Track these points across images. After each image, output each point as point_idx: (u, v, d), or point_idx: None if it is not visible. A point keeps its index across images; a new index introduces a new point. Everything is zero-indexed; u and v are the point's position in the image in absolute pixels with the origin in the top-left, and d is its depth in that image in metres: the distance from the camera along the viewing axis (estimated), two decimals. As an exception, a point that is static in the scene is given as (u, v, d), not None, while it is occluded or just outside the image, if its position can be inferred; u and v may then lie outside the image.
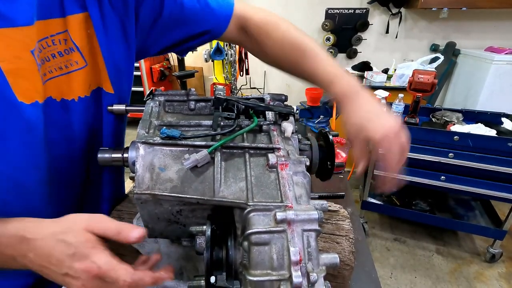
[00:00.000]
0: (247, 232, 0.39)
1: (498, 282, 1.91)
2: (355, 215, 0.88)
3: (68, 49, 0.50)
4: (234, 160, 0.47)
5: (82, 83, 0.53)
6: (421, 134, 1.79)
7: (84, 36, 0.51)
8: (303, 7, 2.97)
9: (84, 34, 0.51)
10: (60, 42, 0.49)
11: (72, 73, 0.51)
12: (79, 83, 0.52)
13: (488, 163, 1.72)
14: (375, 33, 2.96)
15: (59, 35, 0.48)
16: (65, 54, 0.49)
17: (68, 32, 0.49)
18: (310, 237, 0.39)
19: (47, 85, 0.48)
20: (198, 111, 0.58)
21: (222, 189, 0.44)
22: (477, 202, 2.26)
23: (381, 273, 1.96)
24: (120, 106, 0.59)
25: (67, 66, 0.50)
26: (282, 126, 0.53)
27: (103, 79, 0.56)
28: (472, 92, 2.53)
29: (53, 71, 0.49)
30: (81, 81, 0.53)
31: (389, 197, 2.28)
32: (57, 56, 0.49)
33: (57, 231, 0.40)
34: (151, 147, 0.46)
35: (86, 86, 0.54)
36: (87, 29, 0.51)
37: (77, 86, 0.52)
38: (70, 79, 0.51)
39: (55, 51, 0.48)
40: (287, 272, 0.37)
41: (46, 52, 0.47)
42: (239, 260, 0.42)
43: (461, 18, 2.74)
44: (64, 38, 0.49)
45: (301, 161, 0.46)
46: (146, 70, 3.25)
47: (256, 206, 0.40)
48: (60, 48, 0.49)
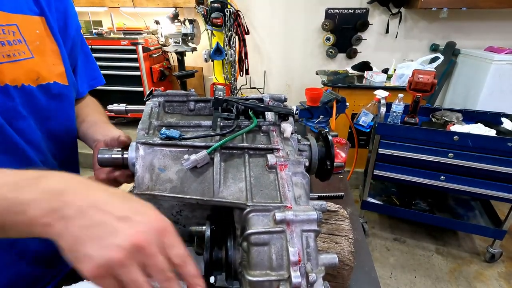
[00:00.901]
0: (247, 232, 0.39)
1: (497, 282, 1.91)
2: (354, 215, 0.88)
3: (16, 40, 0.55)
4: (233, 161, 0.48)
5: (27, 72, 0.57)
6: (421, 134, 1.79)
7: (33, 34, 0.58)
8: (303, 7, 2.97)
9: (34, 32, 0.58)
10: (9, 33, 0.53)
11: (19, 62, 0.55)
12: (24, 71, 0.56)
13: (487, 163, 1.72)
14: (375, 33, 2.96)
15: (8, 27, 0.53)
16: (13, 44, 0.54)
17: (17, 25, 0.55)
18: (309, 238, 0.39)
19: None
20: (197, 111, 0.58)
21: (222, 189, 0.44)
22: (476, 202, 2.27)
23: (381, 273, 1.96)
24: (120, 107, 0.60)
25: (14, 54, 0.54)
26: (281, 127, 0.54)
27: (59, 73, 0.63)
28: (472, 92, 2.53)
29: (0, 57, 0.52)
30: (26, 70, 0.56)
31: (389, 197, 2.29)
32: (6, 44, 0.53)
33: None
34: (150, 147, 0.46)
35: (32, 77, 0.57)
36: (36, 29, 0.58)
37: (22, 74, 0.56)
38: (16, 67, 0.55)
39: (4, 40, 0.53)
40: (286, 272, 0.37)
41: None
42: (239, 260, 0.42)
43: (461, 18, 2.73)
44: (13, 30, 0.54)
45: (300, 162, 0.46)
46: (146, 70, 3.25)
47: (255, 207, 0.41)
48: (9, 38, 0.53)
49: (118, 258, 0.29)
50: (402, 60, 2.71)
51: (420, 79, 1.77)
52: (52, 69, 0.61)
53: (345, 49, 3.04)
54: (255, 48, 3.23)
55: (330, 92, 1.55)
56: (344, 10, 2.90)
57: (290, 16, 3.04)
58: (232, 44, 2.64)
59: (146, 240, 0.31)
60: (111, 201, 0.33)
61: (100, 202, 0.32)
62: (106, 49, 3.14)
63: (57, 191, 0.32)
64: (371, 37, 2.98)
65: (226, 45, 2.62)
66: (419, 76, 1.78)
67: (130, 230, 0.31)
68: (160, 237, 0.33)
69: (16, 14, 0.55)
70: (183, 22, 2.97)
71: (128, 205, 0.33)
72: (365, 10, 2.87)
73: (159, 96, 0.57)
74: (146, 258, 0.31)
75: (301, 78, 3.27)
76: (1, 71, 0.52)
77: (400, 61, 2.63)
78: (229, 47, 2.64)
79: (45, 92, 0.61)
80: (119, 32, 3.43)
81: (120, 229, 0.31)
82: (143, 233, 0.31)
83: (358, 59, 3.01)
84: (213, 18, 2.46)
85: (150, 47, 3.23)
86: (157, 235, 0.32)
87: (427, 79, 1.76)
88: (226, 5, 2.45)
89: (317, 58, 3.17)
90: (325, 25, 2.93)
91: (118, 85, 3.30)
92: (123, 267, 0.30)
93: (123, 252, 0.30)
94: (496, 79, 2.34)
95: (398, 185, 2.35)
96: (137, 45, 3.10)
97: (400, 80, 2.38)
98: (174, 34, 2.98)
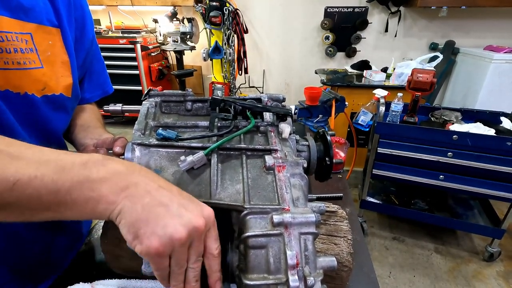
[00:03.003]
0: (244, 235, 0.38)
1: (496, 281, 1.91)
2: (353, 215, 0.87)
3: (28, 48, 0.53)
4: (230, 162, 0.47)
5: (34, 81, 0.55)
6: (420, 133, 1.79)
7: (46, 44, 0.57)
8: (302, 5, 2.96)
9: (46, 42, 0.57)
10: (21, 40, 0.52)
11: (27, 70, 0.54)
12: (30, 80, 0.55)
13: (487, 162, 1.72)
14: (374, 31, 2.95)
15: (22, 35, 0.52)
16: (25, 52, 0.53)
17: (31, 35, 0.54)
18: (307, 240, 0.39)
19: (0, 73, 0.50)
20: (195, 111, 0.57)
21: (219, 191, 0.43)
22: (475, 201, 2.27)
23: (380, 272, 1.96)
24: (116, 107, 0.59)
25: (25, 62, 0.53)
26: (279, 127, 0.53)
27: (67, 86, 0.61)
28: (471, 91, 2.53)
29: (9, 63, 0.51)
30: (33, 80, 0.55)
31: (388, 196, 2.28)
32: (18, 51, 0.52)
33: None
34: (147, 148, 0.46)
35: (38, 86, 0.56)
36: (49, 40, 0.57)
37: (27, 83, 0.55)
38: (24, 75, 0.54)
39: (17, 47, 0.51)
40: (284, 276, 0.37)
41: (8, 44, 0.50)
42: (236, 263, 0.42)
43: (460, 16, 2.73)
44: (26, 39, 0.53)
45: (299, 163, 0.46)
46: (144, 69, 3.24)
47: (252, 209, 0.40)
48: (21, 46, 0.52)
49: (180, 236, 0.33)
50: (401, 59, 2.70)
51: (419, 78, 1.77)
52: (60, 81, 0.60)
53: (344, 48, 3.04)
54: (254, 47, 3.22)
55: (329, 91, 1.54)
56: (343, 9, 2.89)
57: (289, 15, 3.03)
58: (230, 43, 2.64)
59: (204, 226, 0.35)
60: (173, 189, 0.37)
61: (164, 187, 0.36)
62: (104, 47, 3.13)
63: (124, 172, 0.35)
64: (370, 36, 2.98)
65: (224, 44, 2.61)
66: (418, 75, 1.77)
67: (191, 214, 0.34)
68: (208, 225, 0.36)
69: (32, 23, 0.54)
70: (182, 20, 2.95)
71: (185, 195, 0.37)
72: (365, 8, 2.86)
73: (156, 96, 0.56)
74: (195, 242, 0.35)
75: (300, 77, 3.26)
76: (7, 77, 0.52)
77: (399, 60, 2.62)
78: (228, 46, 2.63)
79: (49, 103, 0.59)
80: (117, 30, 3.41)
81: (183, 213, 0.34)
82: (201, 219, 0.35)
83: (357, 58, 3.01)
84: (212, 17, 2.45)
85: (148, 45, 3.22)
86: (209, 224, 0.36)
87: (426, 78, 1.76)
88: (225, 3, 2.45)
89: (316, 57, 3.16)
90: (324, 23, 2.93)
91: (117, 84, 3.28)
92: (182, 246, 0.33)
93: (185, 232, 0.33)
94: (496, 78, 2.33)
95: (397, 184, 2.35)
96: (136, 43, 3.09)
97: (399, 79, 2.38)
98: (173, 33, 2.97)
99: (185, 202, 0.36)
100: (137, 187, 0.34)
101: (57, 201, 0.33)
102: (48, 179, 0.32)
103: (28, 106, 0.56)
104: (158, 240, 0.32)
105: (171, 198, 0.35)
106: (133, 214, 0.33)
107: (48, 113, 0.60)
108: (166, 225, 0.33)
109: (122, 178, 0.34)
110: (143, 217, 0.33)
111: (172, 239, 0.32)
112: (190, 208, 0.35)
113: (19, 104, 0.55)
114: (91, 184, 0.33)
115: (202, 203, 0.38)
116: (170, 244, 0.33)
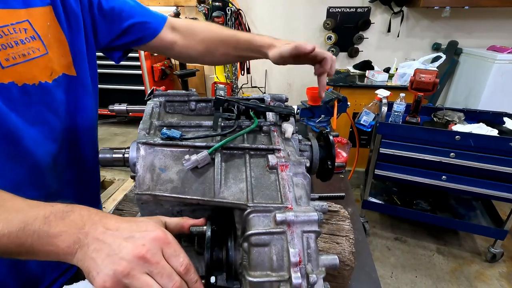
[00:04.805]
0: (247, 233, 0.39)
1: (499, 282, 1.91)
2: (355, 215, 0.88)
3: (29, 37, 0.53)
4: (234, 161, 0.48)
5: (43, 69, 0.56)
6: (423, 134, 1.78)
7: (45, 27, 0.56)
8: (305, 5, 2.96)
9: (45, 25, 0.56)
10: (20, 31, 0.52)
11: (34, 60, 0.54)
12: (40, 69, 0.55)
13: (489, 163, 1.72)
14: (377, 32, 2.95)
15: (19, 24, 0.52)
16: (27, 42, 0.53)
17: (29, 21, 0.53)
18: (310, 239, 0.39)
19: (9, 70, 0.50)
20: (198, 111, 0.58)
21: (222, 190, 0.44)
22: (478, 202, 2.26)
23: (382, 272, 1.96)
24: (121, 107, 0.60)
25: (29, 53, 0.53)
26: (282, 127, 0.53)
27: (67, 65, 0.61)
28: (474, 91, 2.52)
29: (16, 57, 0.51)
30: (42, 68, 0.55)
31: (390, 196, 2.28)
32: (19, 44, 0.51)
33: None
34: (151, 147, 0.46)
35: (47, 73, 0.56)
36: (47, 21, 0.56)
37: (38, 72, 0.55)
38: (32, 65, 0.54)
39: (17, 39, 0.51)
40: (286, 273, 0.37)
41: (8, 38, 0.50)
42: (239, 260, 0.42)
43: (463, 17, 2.72)
44: (25, 27, 0.52)
45: (301, 162, 0.46)
46: (147, 69, 3.25)
47: (256, 207, 0.40)
48: (21, 36, 0.52)
49: (122, 269, 0.34)
50: (404, 59, 2.70)
51: (422, 79, 1.77)
52: (61, 61, 0.59)
53: (346, 48, 3.03)
54: (256, 47, 3.22)
55: (331, 91, 1.55)
56: (345, 9, 2.89)
57: (291, 15, 3.03)
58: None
59: (147, 251, 0.35)
60: (120, 226, 0.38)
61: (111, 228, 0.38)
62: (107, 47, 3.14)
63: (80, 225, 0.37)
64: (372, 36, 2.97)
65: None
66: (421, 76, 1.77)
67: (132, 245, 0.36)
68: (161, 246, 0.37)
69: (26, 8, 0.52)
70: (184, 21, 2.96)
71: (134, 227, 0.38)
72: (367, 8, 2.86)
73: (160, 96, 0.57)
74: (151, 267, 0.35)
75: (302, 77, 3.26)
76: (18, 71, 0.51)
77: (402, 60, 2.61)
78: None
79: (59, 86, 0.59)
80: (121, 30, 3.42)
81: (124, 246, 0.36)
82: (143, 246, 0.36)
83: (360, 58, 3.00)
84: (214, 17, 2.46)
85: (151, 45, 3.22)
86: (158, 245, 0.37)
87: (429, 79, 1.76)
88: (227, 3, 2.45)
89: (319, 57, 3.16)
90: (326, 24, 2.92)
91: (120, 83, 3.30)
92: (129, 277, 0.34)
93: (126, 264, 0.34)
94: (499, 79, 2.32)
95: (399, 184, 2.34)
96: (138, 43, 3.09)
97: (402, 80, 2.37)
98: (175, 33, 2.97)
99: (132, 234, 0.37)
100: (88, 237, 0.37)
101: (25, 252, 0.37)
102: (13, 235, 0.36)
103: (46, 94, 0.57)
104: (104, 277, 0.34)
105: (115, 237, 0.37)
106: (86, 261, 0.36)
107: (62, 96, 0.60)
108: (109, 262, 0.35)
109: (77, 231, 0.37)
110: (94, 261, 0.35)
111: (115, 272, 0.34)
112: (136, 238, 0.37)
113: (39, 94, 0.55)
114: (50, 239, 0.36)
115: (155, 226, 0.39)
116: (115, 278, 0.34)
